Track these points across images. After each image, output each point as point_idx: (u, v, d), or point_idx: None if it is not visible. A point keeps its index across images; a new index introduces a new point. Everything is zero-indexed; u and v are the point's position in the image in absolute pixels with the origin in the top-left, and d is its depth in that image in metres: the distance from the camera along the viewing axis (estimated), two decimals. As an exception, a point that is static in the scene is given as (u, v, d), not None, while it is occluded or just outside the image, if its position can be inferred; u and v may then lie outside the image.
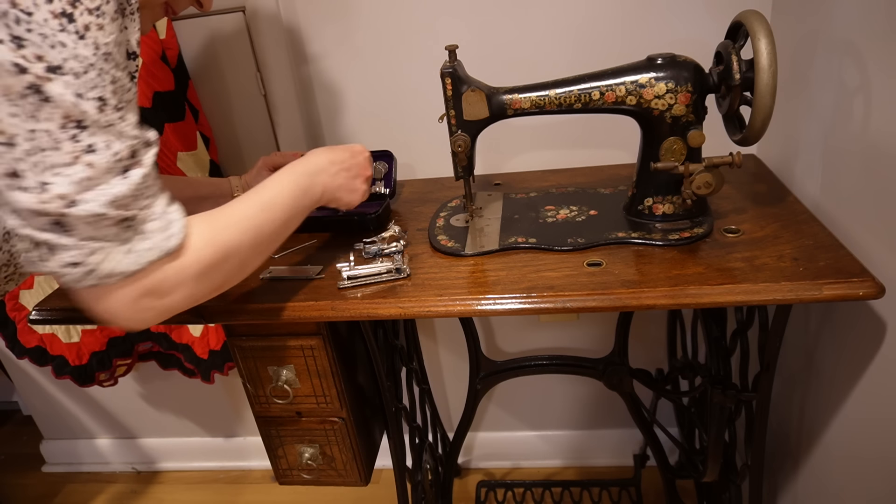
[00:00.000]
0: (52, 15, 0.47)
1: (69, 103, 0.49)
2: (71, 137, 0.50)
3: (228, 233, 0.64)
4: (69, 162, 0.50)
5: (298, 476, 1.02)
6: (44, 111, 0.48)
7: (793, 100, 0.95)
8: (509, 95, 0.83)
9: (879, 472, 0.78)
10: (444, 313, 0.75)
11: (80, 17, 0.49)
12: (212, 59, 1.17)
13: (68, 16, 0.48)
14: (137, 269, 0.55)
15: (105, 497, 1.70)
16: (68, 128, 0.49)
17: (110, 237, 0.53)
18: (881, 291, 0.66)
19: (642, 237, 0.81)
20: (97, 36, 0.50)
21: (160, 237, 0.56)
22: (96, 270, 0.53)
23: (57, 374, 1.36)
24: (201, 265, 0.60)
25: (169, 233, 0.57)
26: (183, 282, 0.59)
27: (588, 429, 1.52)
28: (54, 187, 0.50)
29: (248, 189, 1.01)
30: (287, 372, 0.91)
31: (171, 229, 0.58)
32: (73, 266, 0.53)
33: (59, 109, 0.49)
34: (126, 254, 0.55)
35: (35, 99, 0.48)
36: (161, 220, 0.57)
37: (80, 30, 0.49)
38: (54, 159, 0.49)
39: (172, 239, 0.57)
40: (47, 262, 0.53)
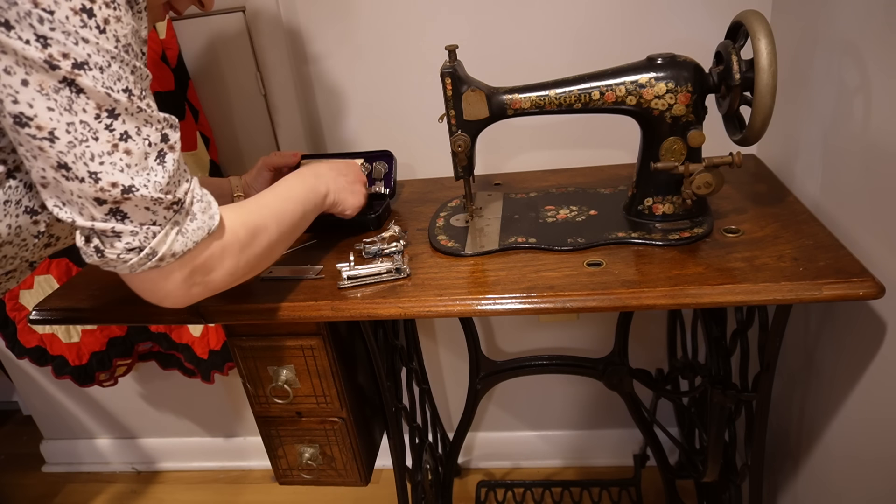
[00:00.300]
0: (73, 11, 0.48)
1: (101, 94, 0.51)
2: (106, 127, 0.52)
3: (256, 216, 0.69)
4: (109, 150, 0.52)
5: (298, 476, 1.02)
6: (78, 103, 0.50)
7: (793, 100, 0.95)
8: (509, 95, 0.83)
9: (879, 472, 0.78)
10: (444, 313, 0.75)
11: (99, 12, 0.50)
12: (212, 59, 1.17)
13: (88, 11, 0.49)
14: (190, 249, 0.59)
15: (105, 497, 1.70)
16: (102, 118, 0.51)
17: (165, 221, 0.56)
18: (881, 291, 0.66)
19: (642, 237, 0.81)
20: (116, 28, 0.52)
21: (205, 217, 0.60)
22: (156, 253, 0.56)
23: (57, 374, 1.37)
24: (239, 242, 0.65)
25: (211, 212, 0.61)
26: (225, 257, 0.63)
27: (588, 429, 1.52)
28: (105, 176, 0.52)
29: (249, 189, 1.02)
30: (287, 372, 0.91)
31: (212, 209, 0.61)
32: (135, 251, 0.56)
33: (93, 100, 0.50)
34: (180, 235, 0.58)
35: (69, 92, 0.50)
36: (202, 202, 0.60)
37: (100, 24, 0.50)
38: (94, 149, 0.51)
39: (215, 217, 0.61)
40: (109, 251, 0.55)
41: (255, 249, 0.68)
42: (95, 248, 0.56)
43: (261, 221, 0.69)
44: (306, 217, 0.79)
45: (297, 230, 0.77)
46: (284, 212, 0.74)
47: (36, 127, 0.50)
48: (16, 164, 0.58)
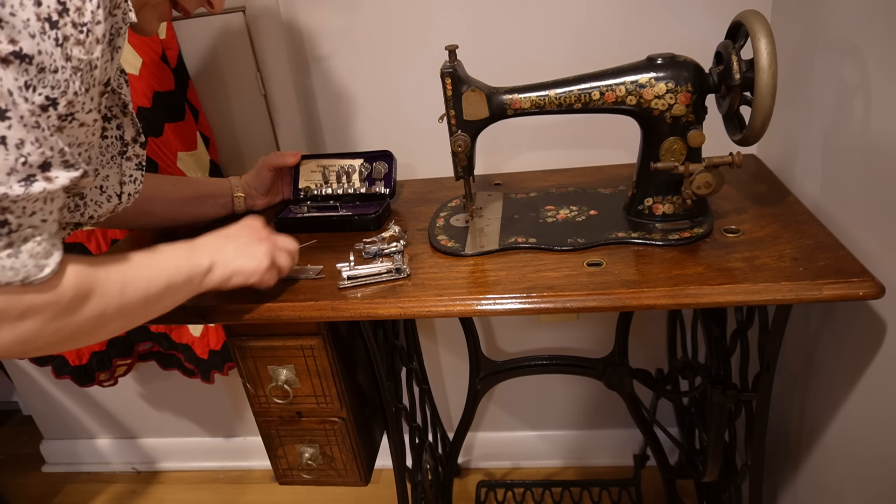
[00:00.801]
0: (37, 17, 0.47)
1: (3, 90, 0.46)
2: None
3: (99, 282, 0.57)
4: None
5: (298, 476, 1.02)
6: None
7: (793, 100, 0.95)
8: (509, 95, 0.83)
9: (879, 472, 0.78)
10: (444, 313, 0.75)
11: (63, 28, 0.49)
12: (212, 59, 1.17)
13: (53, 22, 0.48)
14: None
15: (105, 497, 1.70)
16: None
17: None
18: (881, 291, 0.66)
19: (642, 237, 0.81)
20: (73, 49, 0.50)
21: (30, 262, 0.50)
22: None
23: (57, 374, 1.36)
24: (57, 308, 0.53)
25: (42, 262, 0.51)
26: (26, 319, 0.51)
27: (588, 429, 1.52)
28: None
29: (248, 189, 1.02)
30: (287, 372, 0.91)
31: (47, 260, 0.51)
32: None
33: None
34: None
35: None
36: (40, 246, 0.51)
37: (59, 38, 0.48)
38: None
39: (43, 270, 0.51)
40: None
41: (74, 319, 0.55)
42: None
43: (100, 287, 0.57)
44: (172, 291, 0.65)
45: (151, 306, 0.64)
46: (138, 280, 0.61)
47: None
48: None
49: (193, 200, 0.98)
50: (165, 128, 1.11)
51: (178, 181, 0.99)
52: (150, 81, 1.08)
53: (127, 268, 0.61)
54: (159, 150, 1.10)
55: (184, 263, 0.67)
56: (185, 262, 0.67)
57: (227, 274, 0.71)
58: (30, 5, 0.47)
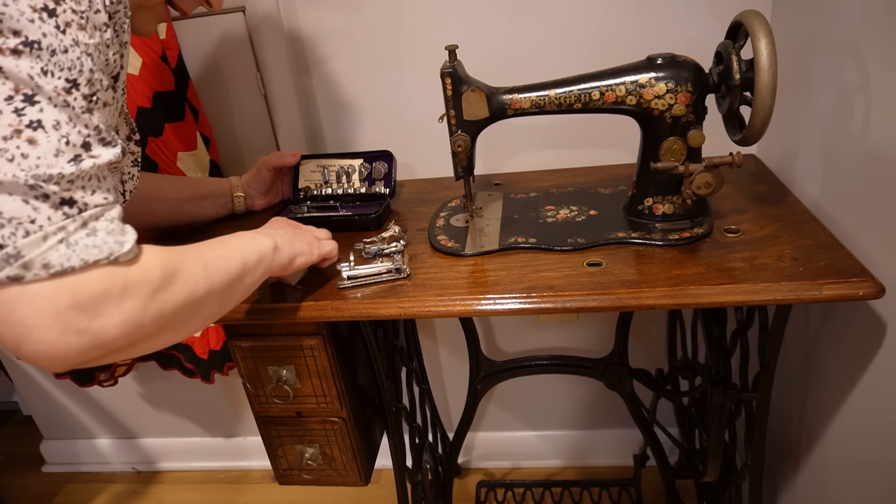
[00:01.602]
0: (32, 9, 0.45)
1: (23, 77, 0.44)
2: (15, 110, 0.44)
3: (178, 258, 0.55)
4: (7, 135, 0.43)
5: (298, 476, 1.02)
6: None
7: (793, 100, 0.95)
8: (509, 95, 0.83)
9: (879, 472, 0.78)
10: (444, 313, 0.75)
11: (63, 14, 0.47)
12: (212, 59, 1.17)
13: (50, 11, 0.46)
14: (74, 267, 0.44)
15: (105, 497, 1.70)
16: (14, 100, 0.44)
17: (47, 222, 0.44)
18: (881, 291, 0.66)
19: (642, 237, 0.81)
20: (78, 34, 0.48)
21: (110, 238, 0.47)
22: (22, 257, 0.43)
23: (57, 374, 1.36)
24: (151, 285, 0.50)
25: (122, 239, 0.48)
26: (127, 299, 0.47)
27: (588, 429, 1.52)
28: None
29: (248, 189, 1.02)
30: (287, 372, 0.91)
31: (124, 237, 0.48)
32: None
33: (10, 82, 0.44)
34: (63, 244, 0.44)
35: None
36: (113, 224, 0.48)
37: (60, 24, 0.47)
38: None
39: (124, 245, 0.48)
40: None
41: (172, 296, 0.52)
42: None
43: (183, 265, 0.54)
44: (248, 271, 0.64)
45: (235, 286, 0.62)
46: (216, 258, 0.60)
47: None
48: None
49: (193, 200, 0.98)
50: (165, 128, 1.11)
51: (177, 181, 0.99)
52: (150, 81, 1.08)
53: (200, 248, 0.60)
54: (159, 150, 1.10)
55: (252, 244, 0.67)
56: (252, 242, 0.67)
57: (292, 254, 0.72)
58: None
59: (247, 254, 0.65)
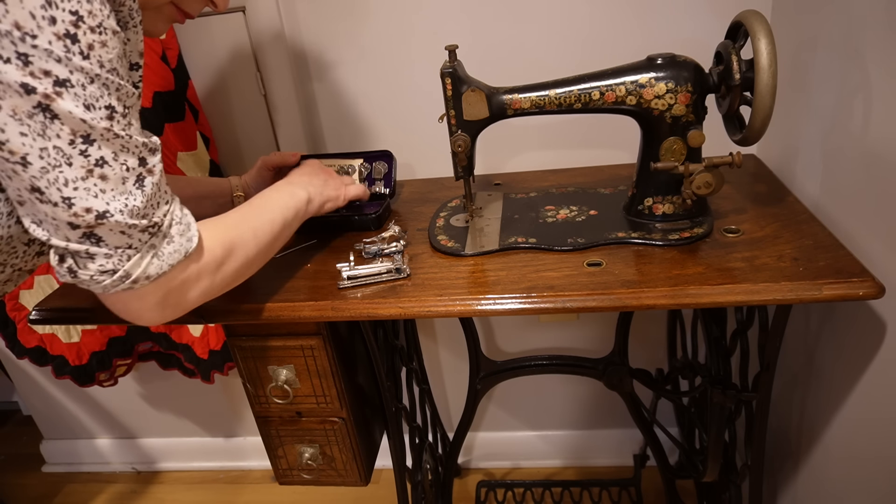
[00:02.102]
0: (56, 37, 0.48)
1: (77, 119, 0.50)
2: (81, 153, 0.51)
3: (233, 232, 0.69)
4: (83, 176, 0.52)
5: (298, 476, 1.02)
6: (51, 129, 0.50)
7: (793, 100, 0.95)
8: (509, 95, 0.83)
9: (879, 472, 0.78)
10: (444, 313, 0.75)
11: (84, 37, 0.50)
12: (212, 59, 1.17)
13: (72, 36, 0.49)
14: (165, 272, 0.59)
15: (105, 497, 1.70)
16: (76, 143, 0.51)
17: (140, 244, 0.57)
18: (881, 291, 0.66)
19: (642, 237, 0.81)
20: (101, 53, 0.51)
21: (182, 240, 0.61)
22: (130, 276, 0.57)
23: (57, 374, 1.36)
24: (215, 261, 0.65)
25: (189, 234, 0.61)
26: (201, 279, 0.64)
27: (588, 429, 1.52)
28: (79, 201, 0.52)
29: (248, 189, 1.02)
30: (287, 372, 0.91)
31: (191, 231, 0.62)
32: (109, 273, 0.56)
33: (67, 126, 0.50)
34: (155, 258, 0.58)
35: (42, 118, 0.49)
36: (181, 224, 0.61)
37: (83, 49, 0.50)
38: (68, 174, 0.51)
39: (193, 240, 0.62)
40: (82, 272, 0.56)
41: (231, 266, 0.68)
42: (69, 268, 0.56)
43: (238, 237, 0.69)
44: (287, 226, 0.78)
45: (278, 241, 0.76)
46: (263, 224, 0.73)
47: (8, 151, 0.49)
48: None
49: (193, 200, 0.98)
50: (165, 128, 1.11)
51: (177, 181, 0.99)
52: (150, 81, 1.08)
53: (250, 217, 0.73)
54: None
55: (290, 201, 0.79)
56: (290, 200, 0.79)
57: (322, 201, 0.85)
58: (46, 26, 0.47)
59: (286, 211, 0.77)
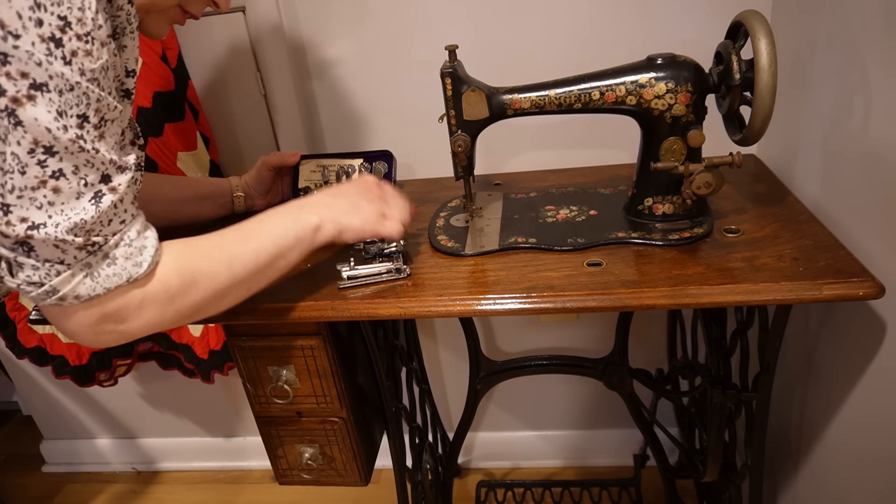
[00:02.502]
0: (41, 39, 0.47)
1: (42, 129, 0.49)
2: (38, 163, 0.50)
3: (201, 262, 0.62)
4: (34, 186, 0.50)
5: (298, 476, 1.02)
6: (14, 135, 0.48)
7: (793, 100, 0.95)
8: (509, 95, 0.83)
9: (879, 472, 0.78)
10: (444, 313, 0.75)
11: (69, 43, 0.49)
12: (212, 59, 1.17)
13: (57, 41, 0.48)
14: (98, 294, 0.55)
15: (105, 497, 1.70)
16: (36, 153, 0.49)
17: (74, 261, 0.54)
18: (881, 291, 0.66)
19: (642, 237, 0.81)
20: (83, 62, 0.50)
21: (130, 263, 0.56)
22: (57, 292, 0.54)
23: (57, 374, 1.36)
24: (168, 293, 0.59)
25: (137, 259, 0.57)
26: (145, 308, 0.58)
27: (588, 429, 1.52)
28: (17, 210, 0.50)
29: (248, 189, 1.02)
30: (287, 372, 0.91)
31: (143, 255, 0.57)
32: (36, 286, 0.53)
33: (29, 135, 0.49)
34: (88, 278, 0.55)
35: (7, 122, 0.48)
36: (131, 247, 0.57)
37: (66, 55, 0.49)
38: (18, 182, 0.50)
39: (143, 265, 0.57)
40: (11, 278, 0.54)
41: (190, 299, 0.61)
42: (5, 271, 0.54)
43: (206, 268, 0.62)
44: (282, 255, 0.69)
45: (264, 272, 0.68)
46: (244, 253, 0.65)
47: None
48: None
49: (193, 201, 0.98)
50: (165, 128, 1.11)
51: (177, 181, 0.99)
52: (150, 81, 1.08)
53: (233, 243, 0.65)
54: (159, 150, 1.10)
55: (290, 226, 0.69)
56: (291, 224, 0.70)
57: (337, 230, 0.73)
58: (32, 27, 0.47)
59: (281, 240, 0.68)
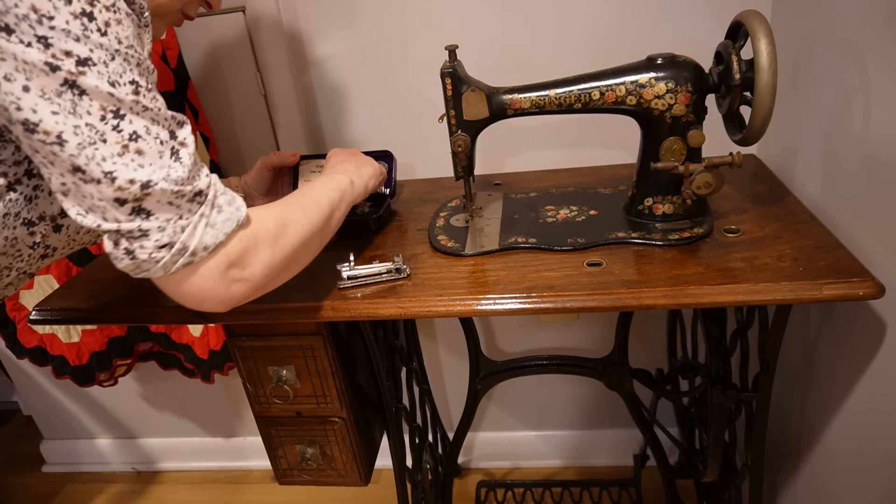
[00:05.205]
0: (73, 16, 0.48)
1: (104, 94, 0.50)
2: (113, 128, 0.51)
3: (280, 209, 0.68)
4: (119, 152, 0.51)
5: (298, 476, 1.02)
6: (81, 106, 0.49)
7: (793, 100, 0.95)
8: (509, 95, 0.83)
9: (879, 472, 0.78)
10: (444, 313, 0.75)
11: (100, 15, 0.50)
12: (212, 59, 1.16)
13: (88, 14, 0.49)
14: (221, 241, 0.58)
15: (105, 497, 1.70)
16: (108, 119, 0.51)
17: (191, 214, 0.56)
18: (881, 291, 0.66)
19: (642, 237, 0.81)
20: (117, 30, 0.51)
21: (231, 208, 0.59)
22: (187, 247, 0.55)
23: (57, 374, 1.36)
24: (270, 233, 0.63)
25: (237, 204, 0.60)
26: (260, 249, 0.62)
27: (588, 429, 1.52)
28: (121, 174, 0.51)
29: (248, 189, 1.02)
30: (287, 372, 0.91)
31: (237, 201, 0.60)
32: (167, 248, 0.54)
33: (96, 102, 0.50)
34: (208, 227, 0.57)
35: (71, 94, 0.49)
36: (227, 194, 0.60)
37: (101, 27, 0.50)
38: (104, 151, 0.51)
39: (241, 209, 0.60)
40: (139, 251, 0.54)
41: (288, 240, 0.65)
42: (125, 250, 0.54)
43: (288, 214, 0.68)
44: (336, 207, 0.76)
45: (329, 223, 0.74)
46: (309, 203, 0.72)
47: (43, 132, 0.49)
48: (17, 178, 0.58)
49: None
50: (165, 128, 1.11)
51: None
52: (150, 81, 1.08)
53: (295, 199, 0.72)
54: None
55: (333, 184, 0.78)
56: (333, 182, 0.79)
57: (364, 181, 0.85)
58: (62, 6, 0.48)
59: (332, 193, 0.76)
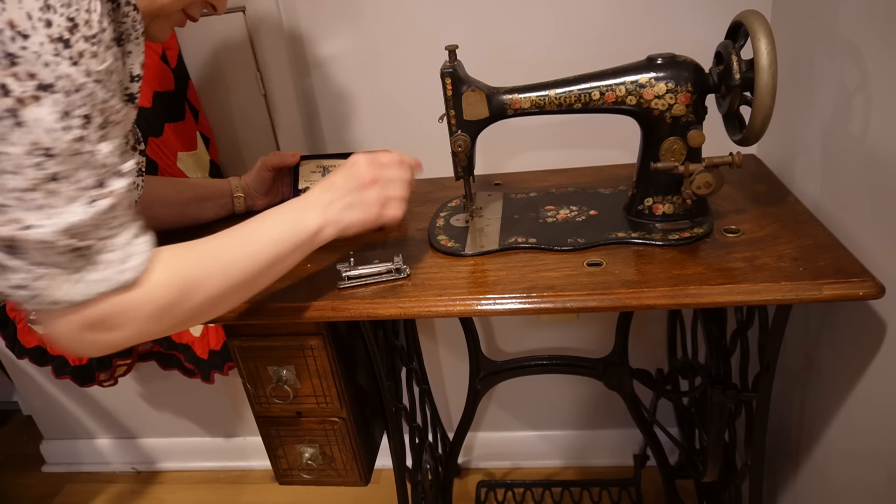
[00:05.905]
0: (49, 39, 0.48)
1: (42, 131, 0.49)
2: (35, 165, 0.49)
3: (196, 268, 0.61)
4: (28, 188, 0.49)
5: (298, 476, 1.02)
6: (13, 135, 0.48)
7: (793, 100, 0.95)
8: (509, 95, 0.83)
9: (879, 472, 0.78)
10: (444, 313, 0.75)
11: (76, 44, 0.49)
12: (212, 59, 1.17)
13: (65, 41, 0.48)
14: (83, 300, 0.54)
15: (105, 497, 1.70)
16: (34, 154, 0.49)
17: (59, 265, 0.52)
18: (881, 291, 0.66)
19: (642, 237, 0.81)
20: (90, 63, 0.51)
21: (113, 270, 0.55)
22: (41, 296, 0.52)
23: (57, 374, 1.36)
24: (155, 304, 0.57)
25: (125, 266, 0.55)
26: (133, 319, 0.57)
27: (588, 429, 1.52)
28: (10, 211, 0.49)
29: (248, 189, 1.02)
30: (287, 372, 0.91)
31: (129, 262, 0.56)
32: (20, 289, 0.52)
33: (30, 136, 0.48)
34: (74, 283, 0.53)
35: (10, 122, 0.48)
36: (120, 252, 0.55)
37: (73, 56, 0.49)
38: (13, 183, 0.49)
39: (127, 273, 0.55)
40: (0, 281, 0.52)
41: (183, 308, 0.60)
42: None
43: (201, 274, 0.61)
44: (281, 260, 0.67)
45: (261, 278, 0.67)
46: (240, 258, 0.64)
47: None
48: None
49: (193, 202, 0.98)
50: (165, 128, 1.11)
51: (177, 183, 0.99)
52: (150, 81, 1.08)
53: (230, 249, 0.64)
54: (159, 150, 1.10)
55: (290, 230, 0.67)
56: (291, 227, 0.68)
57: (338, 230, 0.71)
58: (41, 28, 0.47)
59: (281, 245, 0.66)
